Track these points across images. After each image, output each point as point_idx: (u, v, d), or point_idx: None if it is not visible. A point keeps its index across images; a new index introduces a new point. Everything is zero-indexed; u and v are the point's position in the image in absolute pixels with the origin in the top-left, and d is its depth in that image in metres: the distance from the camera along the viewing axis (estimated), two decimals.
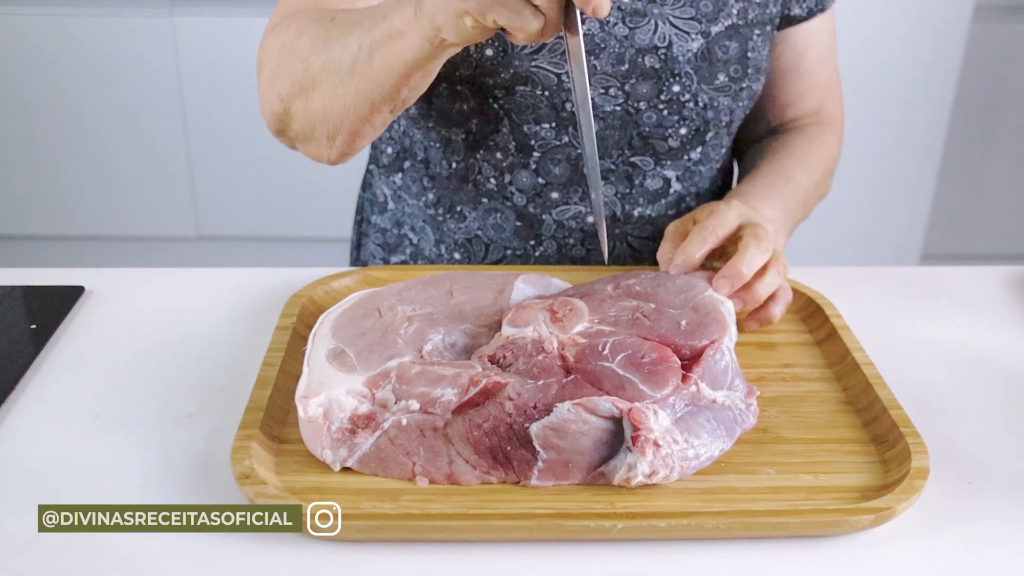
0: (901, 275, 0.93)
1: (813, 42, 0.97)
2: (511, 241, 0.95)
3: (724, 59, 0.88)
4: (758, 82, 0.92)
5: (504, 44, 0.84)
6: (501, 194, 0.93)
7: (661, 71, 0.87)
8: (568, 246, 0.94)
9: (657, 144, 0.91)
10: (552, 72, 0.86)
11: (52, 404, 0.70)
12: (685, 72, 0.87)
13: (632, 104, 0.88)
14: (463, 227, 0.96)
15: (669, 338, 0.68)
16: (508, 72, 0.86)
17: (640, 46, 0.86)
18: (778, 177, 0.91)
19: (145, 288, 0.87)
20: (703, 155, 0.94)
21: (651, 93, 0.88)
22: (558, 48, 0.84)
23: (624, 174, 0.92)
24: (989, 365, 0.78)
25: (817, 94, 1.00)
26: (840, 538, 0.59)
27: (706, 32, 0.87)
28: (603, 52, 0.86)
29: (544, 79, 0.86)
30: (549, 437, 0.61)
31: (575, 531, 0.57)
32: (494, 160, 0.92)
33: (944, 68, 2.00)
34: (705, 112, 0.90)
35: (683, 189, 0.95)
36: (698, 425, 0.63)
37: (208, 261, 2.17)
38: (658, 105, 0.88)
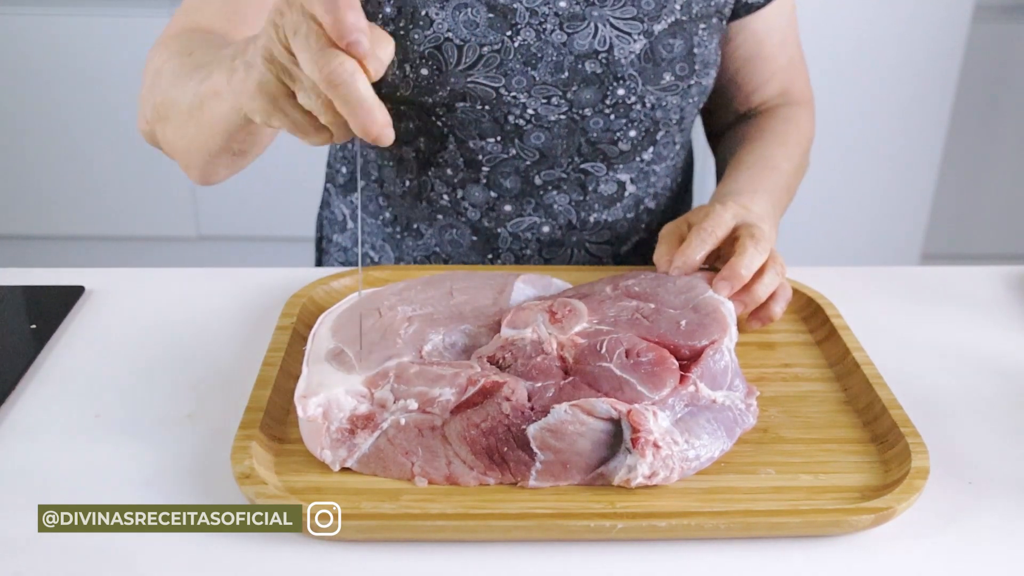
0: (901, 275, 0.93)
1: (772, 27, 0.96)
2: (468, 256, 0.95)
3: (669, 58, 0.87)
4: (707, 76, 0.90)
5: (438, 63, 0.83)
6: (455, 210, 0.93)
7: (603, 76, 0.86)
8: (525, 257, 0.94)
9: (607, 149, 0.90)
10: (489, 86, 0.84)
11: (52, 404, 0.70)
12: (629, 75, 0.86)
13: (577, 112, 0.87)
14: (421, 244, 0.96)
15: (669, 339, 0.68)
16: (445, 90, 0.85)
17: (579, 52, 0.85)
18: (761, 168, 0.90)
19: (145, 288, 0.87)
20: (655, 155, 0.93)
21: (595, 99, 0.86)
22: (493, 62, 0.84)
23: (577, 182, 0.91)
24: (989, 365, 0.78)
25: (781, 77, 0.99)
26: (840, 538, 0.59)
27: (649, 31, 0.86)
28: (540, 62, 0.84)
29: (482, 94, 0.85)
30: (546, 439, 0.61)
31: (575, 531, 0.57)
32: (445, 176, 0.91)
33: (944, 68, 2.00)
34: (653, 113, 0.89)
35: (639, 191, 0.95)
36: (698, 426, 0.63)
37: (208, 261, 2.17)
38: (604, 111, 0.87)
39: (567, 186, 0.91)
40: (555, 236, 0.93)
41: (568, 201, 0.92)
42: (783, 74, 0.99)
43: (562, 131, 0.88)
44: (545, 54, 0.84)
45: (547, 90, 0.85)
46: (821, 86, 2.03)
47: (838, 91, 2.00)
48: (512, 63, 0.84)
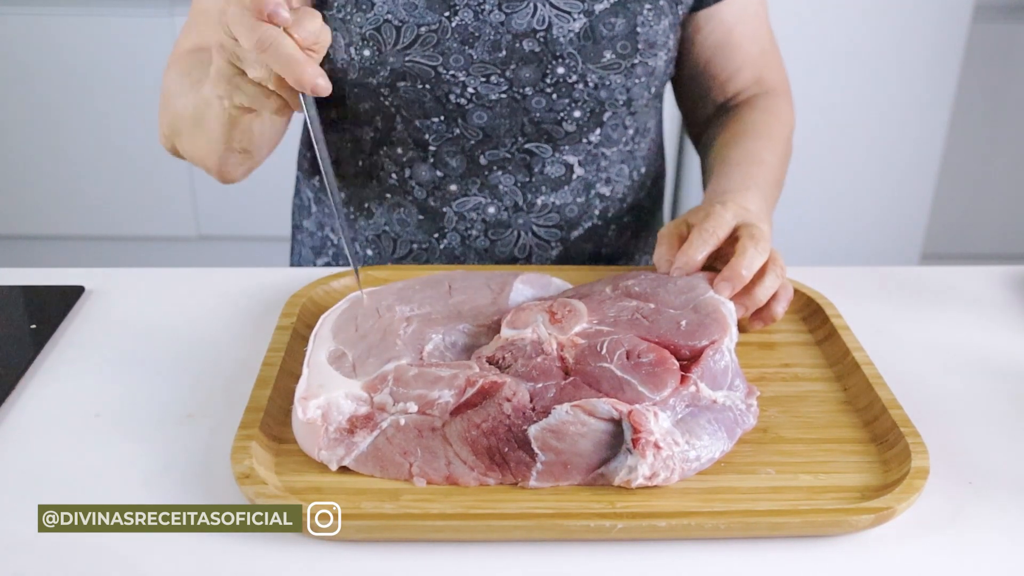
0: (901, 275, 0.93)
1: (740, 16, 0.96)
2: (415, 235, 0.96)
3: (610, 36, 0.87)
4: (654, 57, 0.90)
5: (378, 43, 0.86)
6: (403, 189, 0.94)
7: (542, 54, 0.87)
8: (471, 237, 0.95)
9: (552, 129, 0.91)
10: (427, 65, 0.86)
11: (52, 404, 0.70)
12: (568, 53, 0.87)
13: (517, 90, 0.88)
14: (372, 223, 0.97)
15: (669, 339, 0.68)
16: (386, 69, 0.87)
17: (517, 31, 0.86)
18: (750, 164, 0.90)
19: (145, 288, 0.87)
20: (604, 137, 0.93)
21: (535, 77, 0.88)
22: (430, 41, 0.85)
23: (521, 162, 0.92)
24: (989, 365, 0.78)
25: (755, 65, 0.99)
26: (840, 538, 0.59)
27: (589, 11, 0.86)
28: (478, 41, 0.86)
29: (421, 73, 0.87)
30: (547, 439, 0.61)
31: (575, 531, 0.57)
32: (395, 156, 0.93)
33: (944, 68, 2.00)
34: (597, 92, 0.89)
35: (588, 175, 0.95)
36: (699, 426, 0.63)
37: (208, 261, 2.17)
38: (545, 89, 0.88)
39: (512, 167, 0.92)
40: (501, 217, 0.94)
41: (513, 182, 0.93)
42: (756, 62, 0.99)
43: (504, 110, 0.89)
44: (483, 33, 0.86)
45: (485, 68, 0.87)
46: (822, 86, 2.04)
47: (838, 91, 2.00)
48: (449, 42, 0.86)
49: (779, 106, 0.99)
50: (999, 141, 2.24)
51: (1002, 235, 2.33)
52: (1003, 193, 2.29)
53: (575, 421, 0.61)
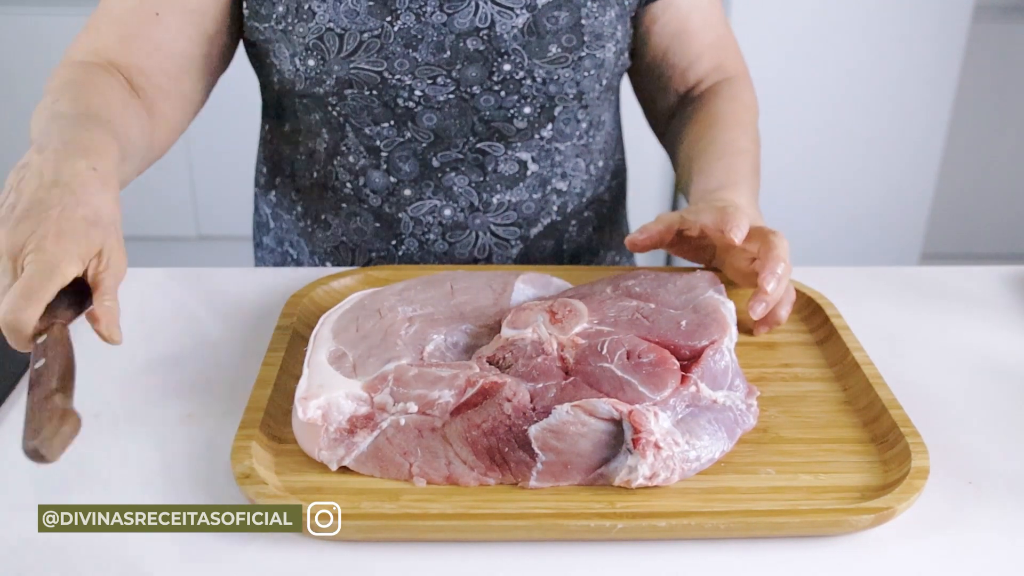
0: (901, 275, 0.93)
1: (695, 4, 0.96)
2: (373, 243, 0.96)
3: (554, 30, 0.87)
4: (602, 49, 0.89)
5: (322, 52, 0.86)
6: (357, 197, 0.94)
7: (487, 52, 0.86)
8: (429, 242, 0.95)
9: (503, 127, 0.90)
10: (372, 71, 0.86)
11: None
12: (513, 49, 0.86)
13: (465, 90, 0.88)
14: (329, 235, 0.97)
15: (669, 339, 0.68)
16: (332, 78, 0.87)
17: (460, 31, 0.86)
18: (731, 156, 0.90)
19: (145, 288, 0.87)
20: (556, 132, 0.93)
21: (482, 76, 0.87)
22: (373, 47, 0.85)
23: (474, 162, 0.92)
24: (989, 365, 0.78)
25: (712, 53, 0.99)
26: (840, 538, 0.59)
27: (531, 5, 0.86)
28: (421, 43, 0.86)
29: (367, 79, 0.87)
30: (548, 439, 0.61)
31: (575, 531, 0.57)
32: (347, 164, 0.93)
33: (944, 68, 2.00)
34: (546, 87, 0.89)
35: (543, 170, 0.94)
36: (699, 427, 0.63)
37: (208, 261, 2.17)
38: (492, 87, 0.88)
39: (465, 167, 0.92)
40: (457, 219, 0.94)
41: (468, 183, 0.92)
42: (713, 50, 0.99)
43: (453, 111, 0.89)
44: (426, 35, 0.86)
45: (431, 70, 0.87)
46: (822, 86, 2.04)
47: (838, 91, 2.00)
48: (393, 46, 0.85)
49: (742, 92, 0.99)
50: (999, 141, 2.24)
51: (1002, 235, 2.33)
52: (1003, 193, 2.30)
53: (575, 421, 0.61)
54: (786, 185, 2.04)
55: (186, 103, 0.90)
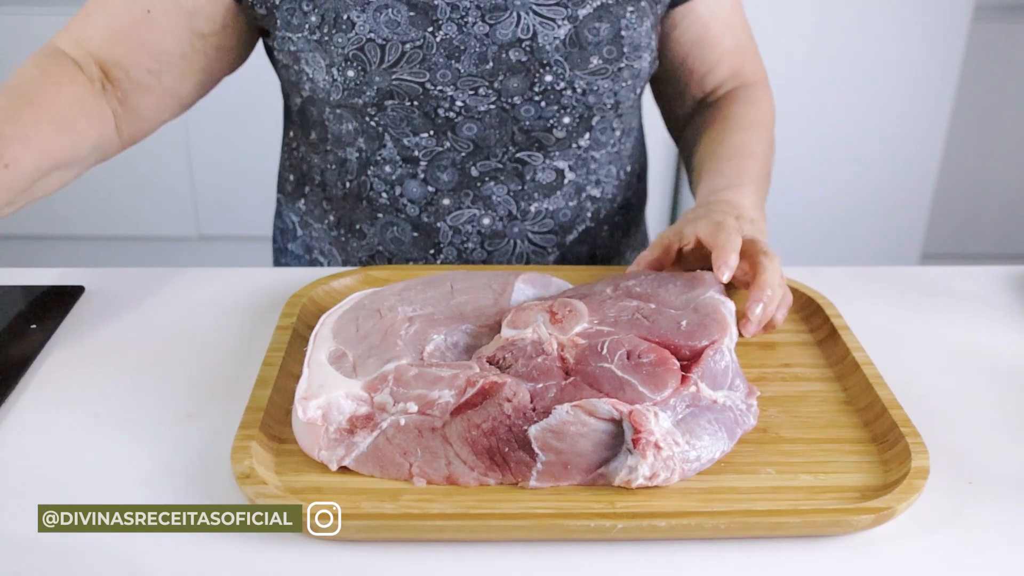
0: (901, 275, 0.93)
1: (715, 10, 0.96)
2: (411, 252, 0.95)
3: (595, 41, 0.87)
4: (639, 60, 0.90)
5: (362, 63, 0.85)
6: (394, 207, 0.94)
7: (529, 63, 0.86)
8: (467, 250, 0.95)
9: (542, 137, 0.91)
10: (414, 82, 0.86)
11: (52, 404, 0.70)
12: (555, 60, 0.86)
13: (506, 100, 0.88)
14: (364, 244, 0.97)
15: (669, 339, 0.68)
16: (372, 89, 0.86)
17: (502, 42, 0.86)
18: (740, 158, 0.90)
19: (145, 288, 0.87)
20: (593, 141, 0.93)
21: (523, 87, 0.87)
22: (416, 58, 0.84)
23: (513, 171, 0.92)
24: (989, 365, 0.78)
25: (732, 59, 0.99)
26: (840, 538, 0.59)
27: (573, 16, 0.86)
28: (464, 54, 0.85)
29: (408, 90, 0.86)
30: (548, 439, 0.61)
31: (575, 531, 0.57)
32: (384, 175, 0.92)
33: (944, 68, 2.00)
34: (586, 98, 0.89)
35: (579, 179, 0.95)
36: (699, 427, 0.63)
37: (208, 261, 2.17)
38: (533, 98, 0.88)
39: (504, 176, 0.92)
40: (496, 228, 0.94)
41: (506, 191, 0.92)
42: (733, 55, 0.99)
43: (493, 121, 0.89)
44: (468, 46, 0.85)
45: (473, 81, 0.86)
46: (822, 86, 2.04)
47: (839, 91, 2.00)
48: (435, 57, 0.85)
49: (760, 97, 0.99)
50: (999, 141, 2.24)
51: (1002, 235, 2.33)
52: (1003, 193, 2.29)
53: (575, 421, 0.61)
54: (786, 185, 2.04)
55: (168, 99, 0.89)
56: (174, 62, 0.87)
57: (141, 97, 0.87)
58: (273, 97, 1.03)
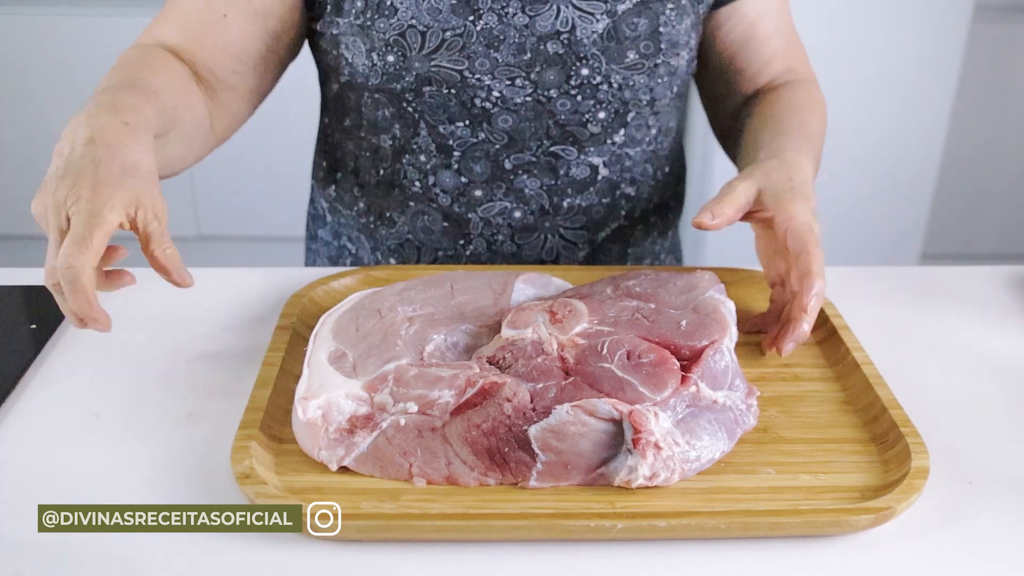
0: (901, 275, 0.93)
1: (762, 11, 0.95)
2: (441, 242, 0.95)
3: (633, 36, 0.87)
4: (677, 57, 0.90)
5: (403, 49, 0.86)
6: (426, 196, 0.94)
7: (566, 56, 0.87)
8: (497, 243, 0.95)
9: (577, 132, 0.90)
10: (453, 70, 0.86)
11: (52, 404, 0.70)
12: (592, 54, 0.87)
13: (542, 93, 0.88)
14: (394, 232, 0.97)
15: (669, 339, 0.68)
16: (411, 75, 0.87)
17: (541, 33, 0.86)
18: (799, 131, 0.86)
19: (145, 288, 0.87)
20: (628, 138, 0.93)
21: (559, 80, 0.87)
22: (456, 45, 0.85)
23: (547, 165, 0.91)
24: (989, 365, 0.78)
25: (783, 57, 0.98)
26: (840, 538, 0.59)
27: (612, 11, 0.86)
28: (503, 44, 0.86)
29: (447, 77, 0.87)
30: (548, 439, 0.61)
31: (575, 531, 0.57)
32: (418, 163, 0.92)
33: (944, 68, 2.00)
34: (621, 93, 0.89)
35: (612, 175, 0.94)
36: (699, 427, 0.63)
37: (208, 261, 2.17)
38: (569, 91, 0.88)
39: (538, 170, 0.91)
40: (527, 221, 0.94)
41: (539, 185, 0.92)
42: (785, 54, 0.98)
43: (529, 113, 0.89)
44: (508, 36, 0.86)
45: (511, 71, 0.87)
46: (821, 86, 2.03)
47: (838, 91, 1.99)
48: (475, 46, 0.85)
49: (815, 91, 0.98)
50: (999, 141, 2.24)
51: (1002, 235, 2.33)
52: (1003, 193, 2.29)
53: (575, 421, 0.61)
54: None
55: (251, 95, 0.92)
56: (253, 63, 0.89)
57: (228, 94, 0.89)
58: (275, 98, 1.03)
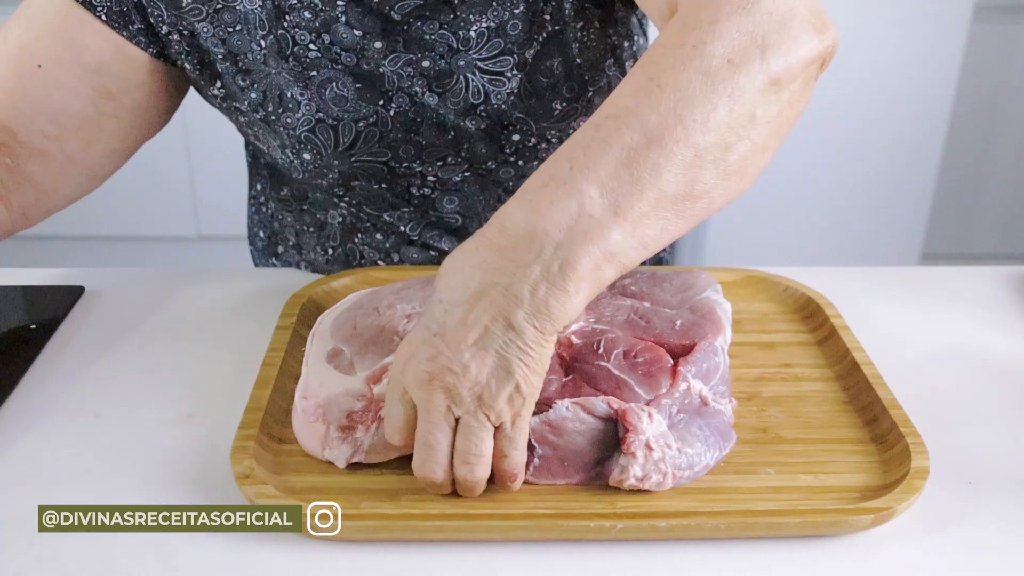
0: (901, 275, 0.93)
1: None
2: None
3: (551, 84, 0.77)
4: (603, 75, 0.80)
5: (316, 147, 0.77)
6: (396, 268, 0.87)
7: (490, 129, 0.78)
8: None
9: None
10: (376, 163, 0.79)
11: (52, 404, 0.70)
12: (516, 119, 0.77)
13: (479, 166, 0.81)
14: None
15: (664, 338, 0.68)
16: (333, 172, 0.79)
17: (457, 110, 0.77)
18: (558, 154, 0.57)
19: (145, 288, 0.87)
20: None
21: (493, 151, 0.79)
22: (373, 136, 0.77)
23: None
24: (989, 365, 0.78)
25: None
26: (840, 538, 0.59)
27: (522, 63, 0.76)
28: (422, 127, 0.77)
29: (374, 171, 0.79)
30: (545, 434, 0.61)
31: (575, 531, 0.57)
32: (375, 243, 0.87)
33: (944, 68, 2.00)
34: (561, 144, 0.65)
35: None
36: (691, 434, 0.63)
37: (208, 261, 2.17)
38: (508, 159, 0.80)
39: None
40: None
41: None
42: None
43: (473, 188, 0.82)
44: (425, 117, 0.77)
45: (438, 152, 0.79)
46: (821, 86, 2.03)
47: (838, 91, 2.00)
48: (393, 133, 0.77)
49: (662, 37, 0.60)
50: (999, 141, 2.24)
51: (1002, 235, 2.33)
52: (1003, 193, 2.29)
53: (574, 418, 0.61)
54: (786, 185, 2.04)
55: (72, 169, 0.76)
56: (76, 125, 0.75)
57: (35, 165, 0.74)
58: None
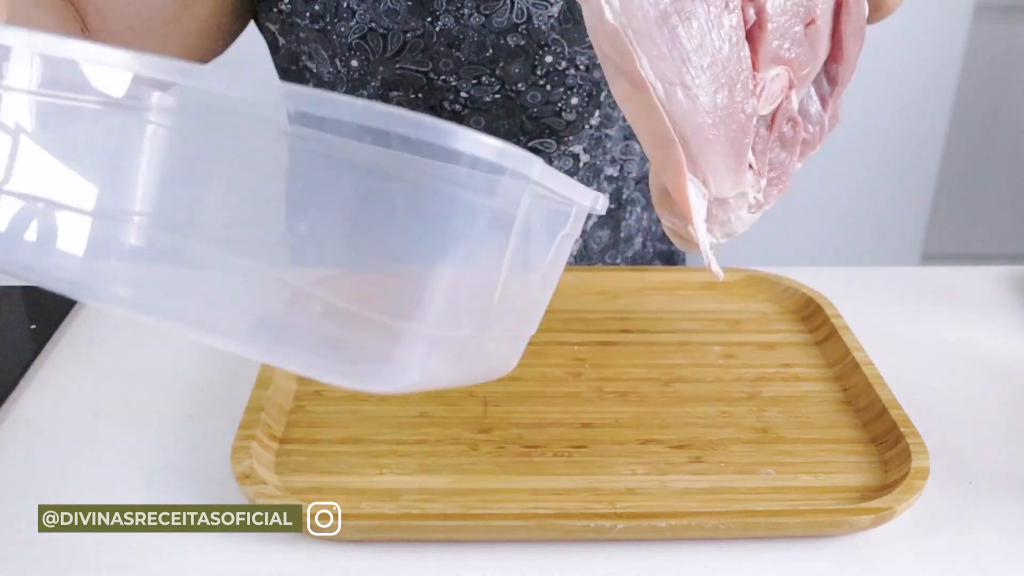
0: (901, 275, 0.93)
1: None
2: None
3: None
4: None
5: (366, 53, 0.84)
6: None
7: (527, 47, 0.85)
8: None
9: (552, 123, 0.89)
10: (417, 72, 0.85)
11: (52, 404, 0.70)
12: (552, 40, 0.85)
13: (510, 88, 0.87)
14: None
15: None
16: (376, 79, 0.85)
17: (499, 29, 0.85)
18: None
19: None
20: (603, 117, 0.92)
21: (525, 71, 0.86)
22: (418, 47, 0.84)
23: None
24: (989, 365, 0.78)
25: None
26: (840, 538, 0.59)
27: None
28: (463, 44, 0.84)
29: (413, 80, 0.85)
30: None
31: (575, 531, 0.57)
32: None
33: (944, 68, 2.00)
34: (590, 74, 0.88)
35: (595, 160, 0.93)
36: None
37: None
38: (537, 82, 0.87)
39: None
40: None
41: None
42: None
43: (500, 111, 0.88)
44: (466, 36, 0.84)
45: (475, 70, 0.85)
46: None
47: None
48: (436, 47, 0.84)
49: None
50: (999, 141, 2.24)
51: (1002, 235, 2.33)
52: (1003, 193, 2.29)
53: None
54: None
55: None
56: (155, 28, 0.82)
57: None
58: None
